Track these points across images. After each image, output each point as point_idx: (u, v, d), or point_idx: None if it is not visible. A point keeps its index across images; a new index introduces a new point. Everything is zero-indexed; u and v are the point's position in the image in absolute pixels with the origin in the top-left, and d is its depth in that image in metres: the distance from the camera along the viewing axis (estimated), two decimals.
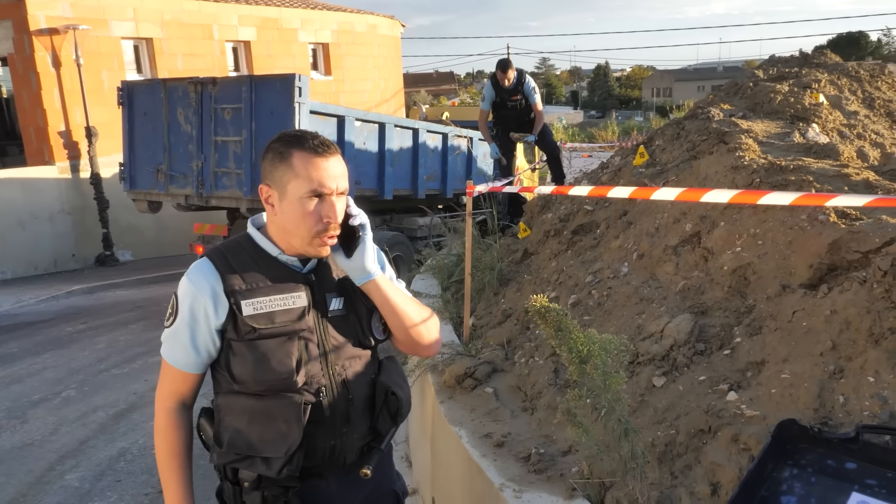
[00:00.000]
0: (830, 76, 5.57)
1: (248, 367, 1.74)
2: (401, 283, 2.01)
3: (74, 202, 12.49)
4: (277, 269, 1.81)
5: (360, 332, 1.87)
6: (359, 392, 1.86)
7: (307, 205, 1.73)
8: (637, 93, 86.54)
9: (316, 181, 1.72)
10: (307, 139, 1.75)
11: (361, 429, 1.87)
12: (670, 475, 2.34)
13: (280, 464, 1.73)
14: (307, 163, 1.72)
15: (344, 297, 1.86)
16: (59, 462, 4.81)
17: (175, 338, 1.79)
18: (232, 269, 1.78)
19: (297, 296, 1.78)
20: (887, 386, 2.14)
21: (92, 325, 8.61)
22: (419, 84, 51.67)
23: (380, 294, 1.85)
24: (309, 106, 7.61)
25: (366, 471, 1.84)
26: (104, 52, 12.66)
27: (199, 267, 1.79)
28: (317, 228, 1.74)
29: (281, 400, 1.74)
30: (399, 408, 1.91)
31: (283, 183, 1.74)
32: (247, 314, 1.73)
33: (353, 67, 18.69)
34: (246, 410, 1.76)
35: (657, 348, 2.95)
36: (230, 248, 1.84)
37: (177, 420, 1.85)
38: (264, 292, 1.76)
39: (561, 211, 5.12)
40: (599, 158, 11.88)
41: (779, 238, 2.96)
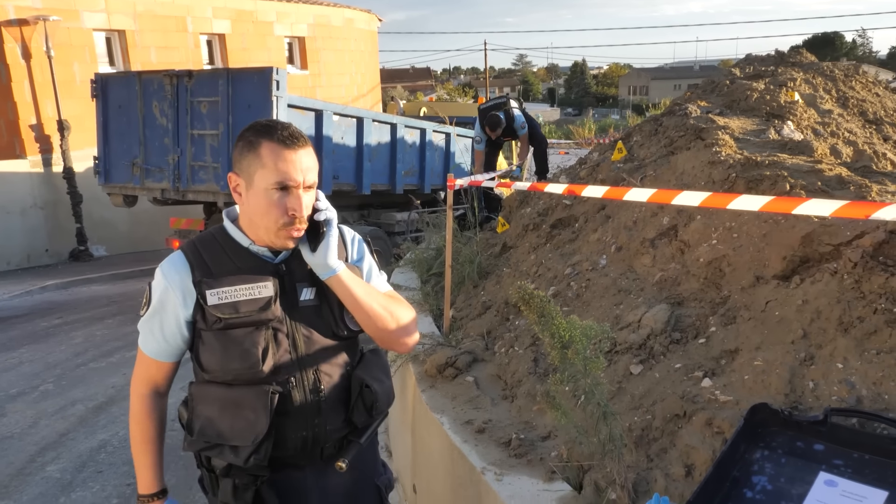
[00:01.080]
0: (806, 75, 5.69)
1: (216, 357, 1.76)
2: (382, 276, 2.02)
3: (47, 196, 12.32)
4: (248, 259, 1.81)
5: (332, 322, 1.86)
6: (331, 383, 1.85)
7: (273, 196, 1.72)
8: (614, 90, 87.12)
9: (282, 173, 1.71)
10: (277, 130, 1.73)
11: (336, 421, 1.86)
12: (646, 458, 2.41)
13: (247, 452, 1.74)
14: (275, 154, 1.71)
15: (316, 288, 1.85)
16: (40, 454, 4.79)
17: (147, 326, 1.84)
18: (202, 260, 1.80)
19: (264, 286, 1.78)
20: (855, 372, 2.22)
21: (67, 319, 8.54)
22: (395, 80, 51.57)
23: (343, 289, 1.82)
24: (287, 100, 7.59)
25: (340, 464, 1.84)
26: (75, 44, 12.49)
27: (172, 259, 1.82)
28: (282, 221, 1.73)
29: (248, 389, 1.75)
30: (375, 401, 1.89)
31: (250, 173, 1.73)
32: (211, 304, 1.74)
33: (330, 62, 18.64)
34: (216, 399, 1.78)
35: (635, 337, 3.02)
36: (203, 240, 1.85)
37: (150, 406, 1.90)
38: (229, 282, 1.76)
39: (539, 205, 5.19)
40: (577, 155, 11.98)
41: (753, 231, 3.05)
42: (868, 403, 2.11)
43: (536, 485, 2.46)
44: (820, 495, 1.85)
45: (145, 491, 1.92)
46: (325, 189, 8.27)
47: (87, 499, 4.19)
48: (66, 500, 4.18)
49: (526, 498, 2.38)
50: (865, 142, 4.44)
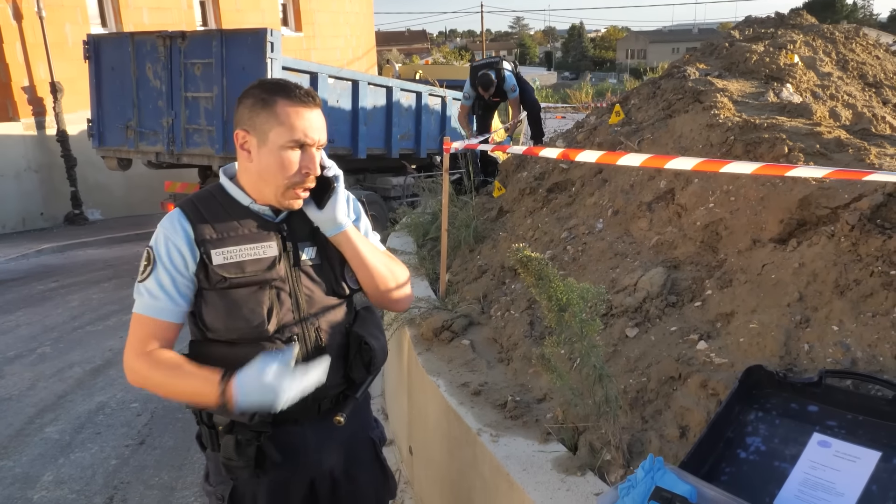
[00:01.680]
0: (806, 37, 5.63)
1: (220, 316, 1.75)
2: (376, 237, 2.03)
3: (41, 160, 12.23)
4: (249, 218, 1.80)
5: (333, 280, 1.88)
6: (332, 341, 1.87)
7: (288, 154, 1.72)
8: (611, 54, 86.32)
9: (300, 131, 1.72)
10: (292, 88, 1.74)
11: (335, 378, 1.87)
12: (641, 420, 2.43)
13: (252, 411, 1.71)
14: (292, 112, 1.71)
15: (317, 247, 1.87)
16: (38, 416, 4.82)
17: (154, 285, 1.74)
18: (203, 218, 1.78)
19: (268, 245, 1.78)
20: (850, 334, 2.23)
21: (64, 283, 8.54)
22: (391, 42, 50.98)
23: (350, 246, 1.85)
24: (281, 62, 7.51)
25: (339, 418, 1.86)
26: (67, 4, 12.30)
27: (171, 217, 1.79)
28: (294, 179, 1.74)
29: (253, 348, 1.73)
30: (372, 357, 1.92)
31: (264, 130, 1.72)
32: (217, 263, 1.73)
33: (325, 24, 18.40)
34: (221, 358, 1.74)
35: (630, 301, 3.03)
36: (201, 199, 1.83)
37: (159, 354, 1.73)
38: (234, 241, 1.76)
39: (536, 170, 5.16)
40: (574, 119, 11.91)
41: (751, 194, 3.03)
42: (863, 365, 2.12)
43: (532, 446, 2.48)
44: (813, 456, 1.87)
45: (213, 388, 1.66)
46: None
47: (86, 459, 4.22)
48: (64, 460, 4.22)
49: (521, 459, 2.40)
50: (865, 105, 4.41)
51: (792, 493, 1.80)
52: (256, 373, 1.63)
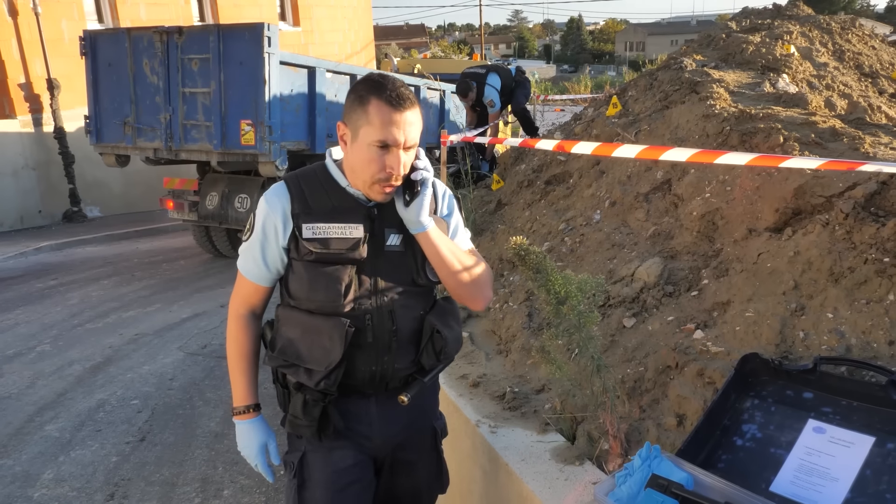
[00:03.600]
0: (802, 28, 5.63)
1: (303, 286, 1.88)
2: (466, 233, 2.10)
3: (39, 157, 12.20)
4: (343, 198, 1.89)
5: (414, 269, 1.95)
6: (404, 325, 1.95)
7: (373, 152, 1.78)
8: (610, 47, 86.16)
9: (385, 133, 1.77)
10: (386, 88, 1.78)
11: (404, 361, 1.97)
12: (639, 409, 2.44)
13: (319, 377, 1.87)
14: (381, 112, 1.76)
15: (403, 235, 1.93)
16: (38, 414, 4.82)
17: (249, 252, 1.93)
18: (302, 193, 1.89)
19: (355, 227, 1.86)
20: (845, 321, 2.24)
21: (63, 281, 8.53)
22: (389, 37, 50.81)
23: (430, 246, 1.91)
24: (279, 56, 7.48)
25: (403, 397, 1.94)
26: (63, 0, 12.26)
27: (275, 189, 1.91)
28: (379, 176, 1.80)
29: (328, 320, 1.87)
30: (444, 346, 1.98)
31: (356, 126, 1.80)
32: (305, 237, 1.85)
33: (323, 18, 18.32)
34: (299, 323, 1.90)
35: (628, 291, 3.04)
36: (305, 175, 1.94)
37: (246, 325, 2.01)
38: (324, 218, 1.86)
39: (534, 162, 5.17)
40: (572, 112, 11.90)
41: (747, 184, 3.04)
42: (857, 352, 2.13)
43: (530, 436, 2.50)
44: (809, 442, 1.88)
45: (240, 403, 2.03)
46: (318, 148, 8.20)
47: (87, 457, 4.23)
48: (65, 458, 4.23)
49: (520, 449, 2.42)
50: (860, 95, 4.42)
51: (788, 479, 1.82)
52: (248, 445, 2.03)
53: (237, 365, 2.03)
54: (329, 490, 1.97)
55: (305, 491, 1.99)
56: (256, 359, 2.04)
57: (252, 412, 2.04)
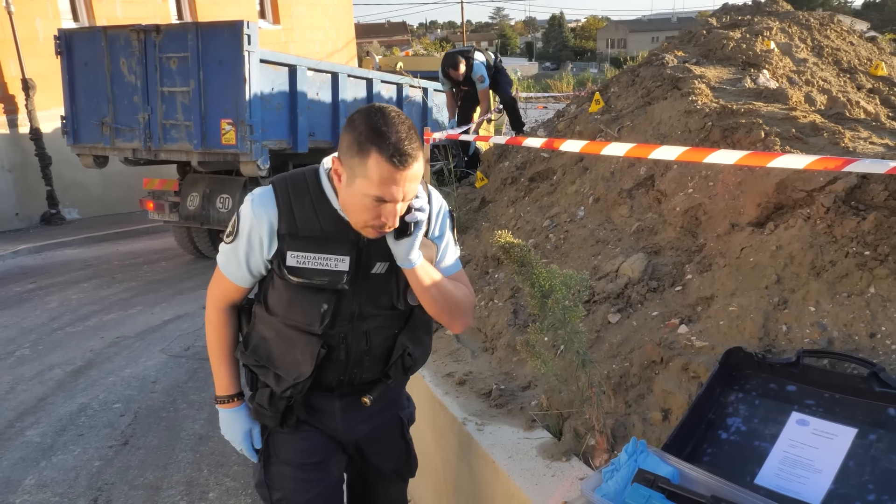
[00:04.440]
0: (781, 24, 5.67)
1: (281, 304, 1.88)
2: (456, 251, 2.06)
3: (14, 159, 12.03)
4: (333, 221, 1.82)
5: (395, 295, 1.94)
6: (377, 344, 1.97)
7: (368, 203, 1.70)
8: (592, 44, 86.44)
9: (384, 192, 1.67)
10: (391, 144, 1.63)
11: (373, 372, 2.01)
12: (625, 404, 2.45)
13: (286, 385, 1.90)
14: (381, 171, 1.64)
15: (389, 263, 1.89)
16: (19, 419, 4.76)
17: (233, 255, 1.89)
18: (290, 208, 1.82)
19: (341, 259, 1.82)
20: (827, 315, 2.26)
21: (42, 284, 8.43)
22: (371, 35, 50.66)
23: (415, 280, 1.87)
24: (259, 55, 7.43)
25: (366, 399, 1.99)
26: None
27: (262, 198, 1.83)
28: (372, 224, 1.74)
29: (303, 336, 1.88)
30: (413, 364, 2.04)
31: (353, 173, 1.69)
32: (289, 265, 1.81)
33: (303, 16, 18.22)
34: (274, 328, 1.92)
35: (612, 287, 3.05)
36: (296, 184, 1.85)
37: (226, 317, 2.01)
38: (311, 247, 1.81)
39: (518, 159, 5.17)
40: (554, 109, 11.92)
41: (729, 179, 3.06)
42: (839, 345, 2.15)
43: (517, 433, 2.50)
44: (792, 434, 1.90)
45: (223, 392, 2.05)
46: (301, 147, 8.16)
47: (69, 462, 4.19)
48: (46, 463, 4.18)
49: (507, 446, 2.42)
50: (839, 90, 4.46)
51: (772, 471, 1.83)
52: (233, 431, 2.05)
53: (219, 354, 2.03)
54: (294, 465, 2.02)
55: (272, 466, 2.03)
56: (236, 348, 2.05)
57: (236, 401, 2.05)
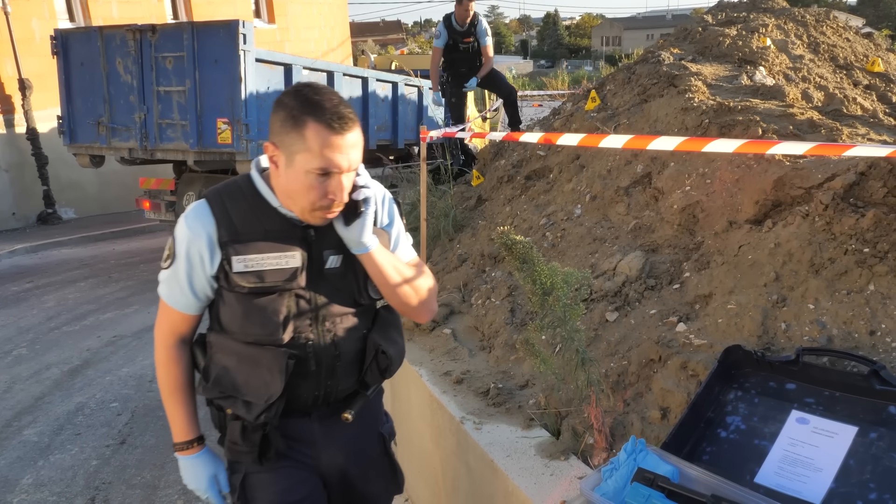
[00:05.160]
0: (777, 21, 5.66)
1: (236, 319, 1.75)
2: (408, 239, 1.98)
3: (11, 159, 11.99)
4: (276, 221, 1.74)
5: (355, 290, 1.84)
6: (347, 347, 1.84)
7: (313, 180, 1.63)
8: (587, 42, 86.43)
9: (327, 160, 1.61)
10: (325, 109, 1.60)
11: (348, 382, 1.88)
12: (623, 402, 2.44)
13: (259, 410, 1.75)
14: (321, 139, 1.59)
15: (343, 255, 1.80)
16: (16, 418, 4.75)
17: (173, 280, 1.77)
18: (228, 216, 1.72)
19: (292, 255, 1.73)
20: (826, 312, 2.26)
21: (38, 283, 8.41)
22: (366, 33, 50.60)
23: (373, 266, 1.79)
24: (254, 54, 7.41)
25: (347, 415, 1.86)
26: None
27: (196, 211, 1.74)
28: (320, 203, 1.66)
29: (266, 350, 1.75)
30: (389, 365, 1.90)
31: (291, 151, 1.63)
32: (237, 271, 1.70)
33: (298, 15, 18.19)
34: (234, 352, 1.78)
35: (610, 285, 3.04)
36: (230, 193, 1.76)
37: (177, 355, 1.86)
38: (257, 249, 1.71)
39: (514, 157, 5.16)
40: (550, 107, 11.92)
41: (726, 176, 3.06)
42: (839, 342, 2.15)
43: (515, 432, 2.49)
44: (792, 433, 1.89)
45: (181, 439, 1.89)
46: None
47: (66, 461, 4.18)
48: (44, 462, 4.17)
49: (505, 445, 2.41)
50: (836, 86, 4.45)
51: (772, 470, 1.83)
52: (196, 479, 1.90)
53: (173, 398, 1.88)
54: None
55: None
56: (192, 387, 1.91)
57: (196, 446, 1.90)
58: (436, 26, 7.98)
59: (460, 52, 7.79)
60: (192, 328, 1.87)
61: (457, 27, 7.61)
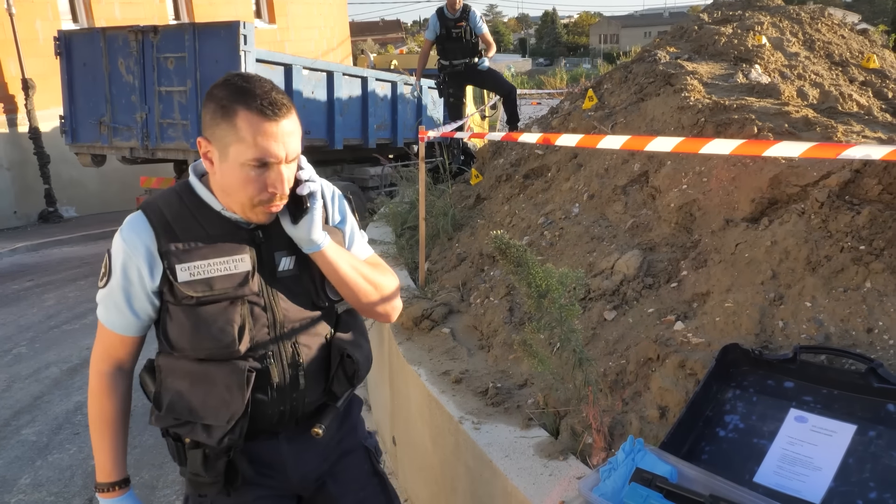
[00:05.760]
0: (773, 18, 5.66)
1: (186, 334, 1.60)
2: (363, 237, 1.88)
3: (13, 157, 12.03)
4: (220, 225, 1.62)
5: (313, 292, 1.72)
6: (310, 355, 1.71)
7: (250, 172, 1.52)
8: (585, 40, 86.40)
9: (262, 149, 1.50)
10: (256, 95, 1.50)
11: (315, 393, 1.75)
12: (621, 402, 2.45)
13: (221, 433, 1.62)
14: (254, 127, 1.49)
15: (296, 256, 1.69)
16: (15, 417, 4.75)
17: (110, 300, 1.63)
18: (168, 225, 1.59)
19: (240, 259, 1.61)
20: (823, 310, 2.26)
21: (39, 282, 8.42)
22: (365, 33, 50.60)
23: (328, 265, 1.68)
24: (255, 54, 7.44)
25: (317, 430, 1.72)
26: (37, 0, 12.08)
27: (133, 223, 1.61)
28: (260, 198, 1.55)
29: (222, 366, 1.61)
30: (356, 370, 1.77)
31: (224, 143, 1.52)
32: (182, 280, 1.57)
33: (298, 15, 18.20)
34: (187, 374, 1.63)
35: (608, 284, 3.05)
36: (167, 201, 1.64)
37: (111, 384, 1.71)
38: (202, 255, 1.58)
39: (512, 156, 5.17)
40: (548, 105, 11.92)
41: (723, 175, 3.06)
42: (836, 340, 2.15)
43: (514, 432, 2.49)
44: (791, 431, 1.90)
45: (104, 479, 1.74)
46: None
47: (64, 461, 4.18)
48: (42, 462, 4.17)
49: (504, 445, 2.41)
50: (832, 83, 4.46)
51: (771, 468, 1.83)
52: None
53: (100, 432, 1.72)
54: None
55: None
56: (125, 423, 1.75)
57: (119, 489, 1.74)
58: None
59: (453, 39, 7.74)
60: (132, 354, 1.73)
61: (448, 14, 7.64)
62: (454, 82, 7.92)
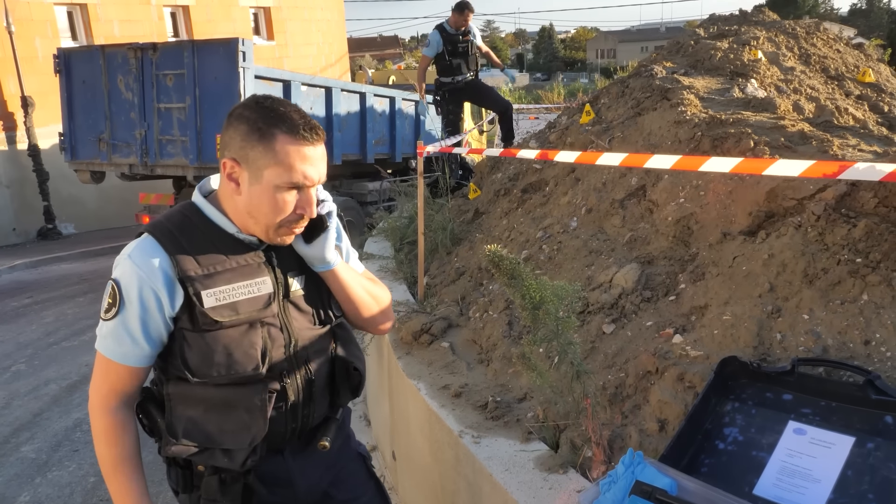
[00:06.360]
0: (768, 33, 5.71)
1: (208, 360, 1.57)
2: (354, 255, 1.92)
3: (12, 174, 12.07)
4: (233, 246, 1.61)
5: (321, 309, 1.75)
6: (319, 370, 1.74)
7: (283, 194, 1.54)
8: (582, 54, 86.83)
9: (300, 173, 1.53)
10: (296, 121, 1.53)
11: (322, 407, 1.78)
12: (621, 415, 2.45)
13: (243, 456, 1.62)
14: (293, 151, 1.52)
15: (305, 276, 1.72)
16: (14, 435, 4.75)
17: (122, 330, 1.56)
18: (183, 249, 1.56)
19: (262, 281, 1.62)
20: (820, 322, 2.27)
21: (38, 299, 8.42)
22: (363, 49, 50.89)
23: (337, 283, 1.74)
24: (254, 71, 7.49)
25: (324, 443, 1.76)
26: (36, 18, 12.17)
27: (143, 248, 1.57)
28: (288, 220, 1.58)
29: (242, 389, 1.60)
30: (360, 381, 1.83)
31: (258, 166, 1.53)
32: (209, 306, 1.54)
33: (297, 32, 18.32)
34: (202, 400, 1.61)
35: (606, 297, 3.06)
36: (177, 224, 1.61)
37: (125, 421, 1.65)
38: (226, 279, 1.57)
39: (510, 171, 5.19)
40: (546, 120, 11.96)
41: (720, 188, 3.08)
42: (834, 352, 2.16)
43: (514, 446, 2.50)
44: (789, 444, 1.90)
45: None
46: None
47: (64, 478, 4.17)
48: (41, 479, 4.16)
49: (503, 459, 2.41)
50: (827, 97, 4.49)
51: (770, 481, 1.83)
52: None
53: (124, 474, 1.65)
54: None
55: None
56: (140, 458, 1.69)
57: None
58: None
59: (460, 53, 7.78)
60: (138, 386, 1.66)
61: (451, 31, 7.67)
62: (453, 99, 7.94)
